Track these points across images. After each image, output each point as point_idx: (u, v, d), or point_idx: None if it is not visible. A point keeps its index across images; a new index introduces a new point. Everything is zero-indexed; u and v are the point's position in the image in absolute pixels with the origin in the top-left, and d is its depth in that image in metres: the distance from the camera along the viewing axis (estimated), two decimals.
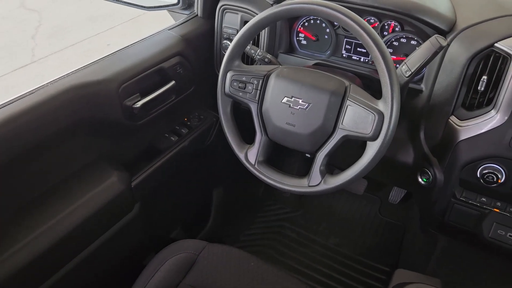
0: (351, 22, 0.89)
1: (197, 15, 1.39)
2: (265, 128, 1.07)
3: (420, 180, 1.18)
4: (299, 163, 1.92)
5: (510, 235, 1.05)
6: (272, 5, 1.25)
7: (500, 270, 1.24)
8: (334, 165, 1.47)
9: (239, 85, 1.06)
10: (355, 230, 1.82)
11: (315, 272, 1.64)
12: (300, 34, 1.31)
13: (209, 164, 1.63)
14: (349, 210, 1.90)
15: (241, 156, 1.10)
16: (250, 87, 1.05)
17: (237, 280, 1.05)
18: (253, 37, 1.04)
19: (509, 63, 0.93)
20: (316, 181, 1.02)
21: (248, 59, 1.33)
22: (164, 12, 1.51)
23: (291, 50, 1.33)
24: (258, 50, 1.17)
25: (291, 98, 1.00)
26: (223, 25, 1.34)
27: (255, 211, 1.95)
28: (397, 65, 0.97)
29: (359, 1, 1.11)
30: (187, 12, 1.41)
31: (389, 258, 1.69)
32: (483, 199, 1.07)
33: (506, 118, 0.95)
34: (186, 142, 1.37)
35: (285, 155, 1.94)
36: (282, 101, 1.01)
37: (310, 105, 0.98)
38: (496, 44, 0.95)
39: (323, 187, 1.02)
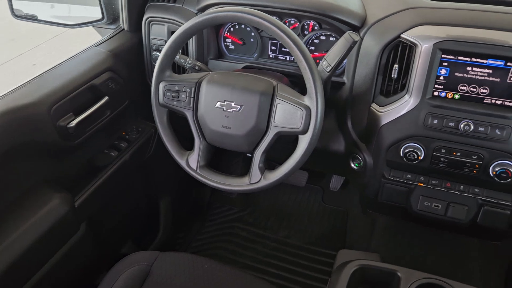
0: (271, 26, 0.95)
1: (123, 29, 1.40)
2: (202, 134, 1.10)
3: (352, 165, 1.27)
4: (244, 162, 1.97)
5: (435, 205, 1.16)
6: (196, 14, 1.28)
7: (431, 238, 1.36)
8: (275, 161, 1.53)
9: (173, 94, 1.09)
10: (302, 221, 1.91)
11: (268, 266, 1.70)
12: (227, 40, 1.36)
13: (153, 175, 1.64)
14: (294, 203, 1.98)
15: (182, 163, 1.13)
16: (183, 96, 1.08)
17: (192, 284, 1.08)
18: (180, 46, 1.08)
19: (415, 51, 1.04)
20: (256, 178, 1.08)
21: (179, 68, 1.36)
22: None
23: (220, 55, 1.38)
24: (188, 59, 1.20)
25: (224, 102, 1.04)
26: (150, 37, 1.36)
27: (205, 216, 1.98)
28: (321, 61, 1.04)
29: (279, 5, 1.18)
30: (113, 26, 1.42)
31: (336, 242, 1.79)
32: (409, 176, 1.17)
33: (418, 101, 1.06)
34: (127, 155, 1.37)
35: (232, 157, 1.99)
36: (216, 105, 1.05)
37: (243, 107, 1.03)
38: (402, 35, 1.05)
39: (263, 183, 1.07)
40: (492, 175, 1.05)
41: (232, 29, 1.34)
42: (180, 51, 1.30)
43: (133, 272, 1.10)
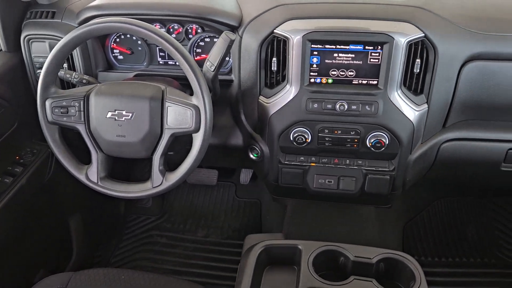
0: (148, 33, 0.99)
1: (1, 50, 1.34)
2: (98, 145, 1.11)
3: (252, 156, 1.35)
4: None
5: (328, 181, 1.28)
6: (77, 27, 1.27)
7: (332, 212, 1.49)
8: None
9: (61, 110, 1.08)
10: (219, 218, 1.96)
11: (190, 267, 1.73)
12: (115, 50, 1.37)
13: (58, 195, 1.58)
14: (209, 202, 2.03)
15: (81, 177, 1.13)
16: (73, 110, 1.08)
17: None
18: (62, 61, 1.07)
19: (289, 44, 1.13)
20: (158, 181, 1.11)
21: (68, 84, 1.34)
22: None
23: (110, 67, 1.38)
24: (74, 73, 1.19)
25: (115, 111, 1.06)
26: (32, 55, 1.32)
27: (121, 229, 1.95)
28: None
29: (158, 12, 1.22)
30: None
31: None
32: (302, 158, 1.28)
33: (298, 89, 1.16)
34: (23, 180, 1.32)
35: (139, 164, 1.98)
36: (107, 116, 1.06)
37: (134, 114, 1.06)
38: (275, 30, 1.14)
39: (166, 185, 1.11)
40: (369, 146, 1.18)
41: (118, 39, 1.35)
42: (65, 66, 1.28)
43: None
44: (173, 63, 1.36)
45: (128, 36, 1.34)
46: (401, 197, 1.65)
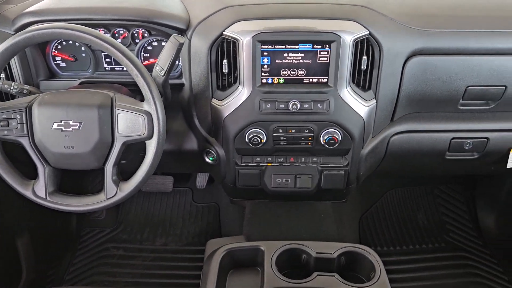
0: (92, 38, 0.95)
1: None
2: (45, 159, 1.05)
3: (208, 160, 1.34)
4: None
5: (285, 180, 1.29)
6: (13, 35, 1.20)
7: (291, 210, 1.51)
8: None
9: (1, 123, 1.01)
10: (177, 224, 1.93)
11: (149, 277, 1.69)
12: (56, 58, 1.30)
13: (2, 214, 1.49)
14: (166, 209, 1.99)
15: (27, 193, 1.07)
16: (14, 123, 1.02)
17: None
18: None
19: (239, 46, 1.13)
20: (112, 192, 1.07)
21: (7, 96, 1.26)
22: None
23: (52, 75, 1.31)
24: (13, 84, 1.12)
25: (61, 122, 1.01)
26: None
27: (74, 244, 1.86)
28: None
29: (101, 17, 1.17)
30: None
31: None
32: (258, 159, 1.28)
33: (250, 90, 1.16)
34: None
35: (91, 175, 1.91)
36: (53, 127, 1.01)
37: (82, 123, 1.01)
38: (224, 32, 1.13)
39: (121, 195, 1.07)
40: (323, 143, 1.20)
41: (59, 46, 1.29)
42: (3, 76, 1.21)
43: None
44: (120, 69, 1.32)
45: (71, 42, 1.29)
46: (355, 191, 1.70)
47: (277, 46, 1.13)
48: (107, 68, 1.32)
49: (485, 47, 1.17)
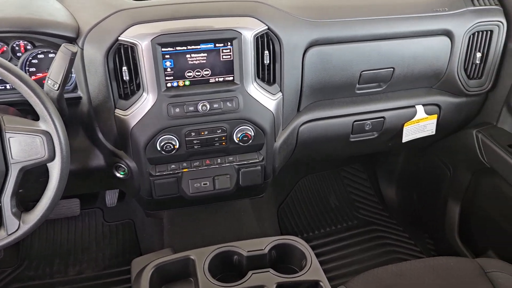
0: None
1: None
2: None
3: (118, 174, 1.25)
4: None
5: (204, 184, 1.26)
6: None
7: (213, 214, 1.49)
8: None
9: None
10: (90, 248, 1.78)
11: None
12: None
13: None
14: (75, 234, 1.83)
15: None
16: None
17: None
18: None
19: (137, 51, 1.07)
20: (14, 227, 0.95)
21: None
22: None
23: None
24: None
25: None
26: None
27: None
28: None
29: None
30: None
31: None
32: (173, 166, 1.23)
33: (156, 95, 1.11)
34: None
35: None
36: None
37: None
38: (120, 38, 1.06)
39: (24, 228, 0.96)
40: (237, 141, 1.20)
41: None
42: None
43: None
44: (3, 87, 1.17)
45: None
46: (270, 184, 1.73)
47: (178, 48, 1.09)
48: None
49: (371, 33, 1.26)
